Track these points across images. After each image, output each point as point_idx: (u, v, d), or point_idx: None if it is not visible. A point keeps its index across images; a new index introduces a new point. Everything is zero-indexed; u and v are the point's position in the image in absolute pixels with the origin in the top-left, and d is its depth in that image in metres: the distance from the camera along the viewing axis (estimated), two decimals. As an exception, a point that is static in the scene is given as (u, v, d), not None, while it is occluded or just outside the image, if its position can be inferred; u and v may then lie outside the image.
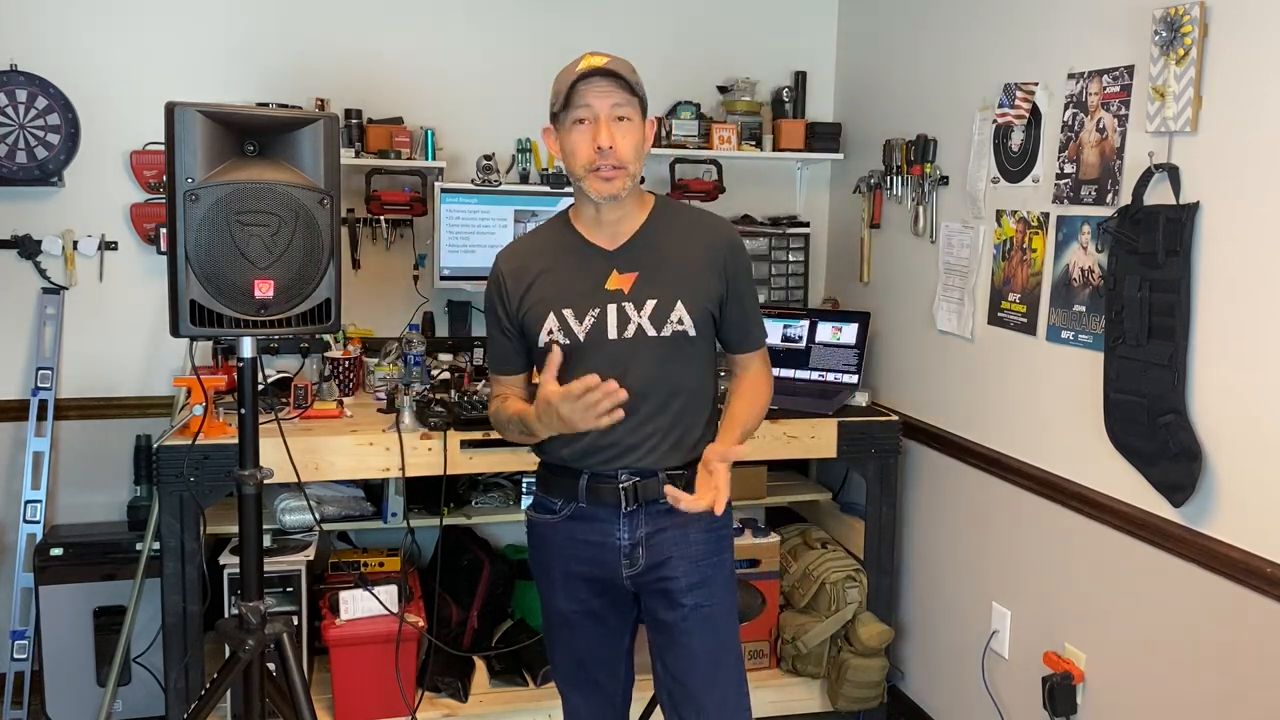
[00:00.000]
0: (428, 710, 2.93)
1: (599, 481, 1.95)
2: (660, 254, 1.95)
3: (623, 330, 1.92)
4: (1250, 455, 2.04)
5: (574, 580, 2.01)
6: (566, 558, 2.00)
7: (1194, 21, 2.10)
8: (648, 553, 1.96)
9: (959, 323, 2.96)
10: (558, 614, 2.06)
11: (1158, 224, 2.18)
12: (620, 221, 1.96)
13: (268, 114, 2.13)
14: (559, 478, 2.00)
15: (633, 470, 1.94)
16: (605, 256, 1.95)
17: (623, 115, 1.86)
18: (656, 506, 1.95)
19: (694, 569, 1.98)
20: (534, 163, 3.47)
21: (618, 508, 1.95)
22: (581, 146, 1.86)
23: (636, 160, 1.89)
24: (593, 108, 1.85)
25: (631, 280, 1.93)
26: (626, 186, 1.89)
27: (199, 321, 2.02)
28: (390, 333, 3.39)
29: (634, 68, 1.90)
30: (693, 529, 1.98)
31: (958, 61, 2.98)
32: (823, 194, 3.82)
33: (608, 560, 1.97)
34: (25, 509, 3.14)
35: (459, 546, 3.37)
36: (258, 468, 2.15)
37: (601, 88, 1.84)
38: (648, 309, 1.92)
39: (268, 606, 2.18)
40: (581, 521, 1.98)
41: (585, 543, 1.98)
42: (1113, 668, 2.42)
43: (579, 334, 1.92)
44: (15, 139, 3.06)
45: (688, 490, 1.86)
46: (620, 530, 1.96)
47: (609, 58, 1.87)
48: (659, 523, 1.97)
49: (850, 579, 3.14)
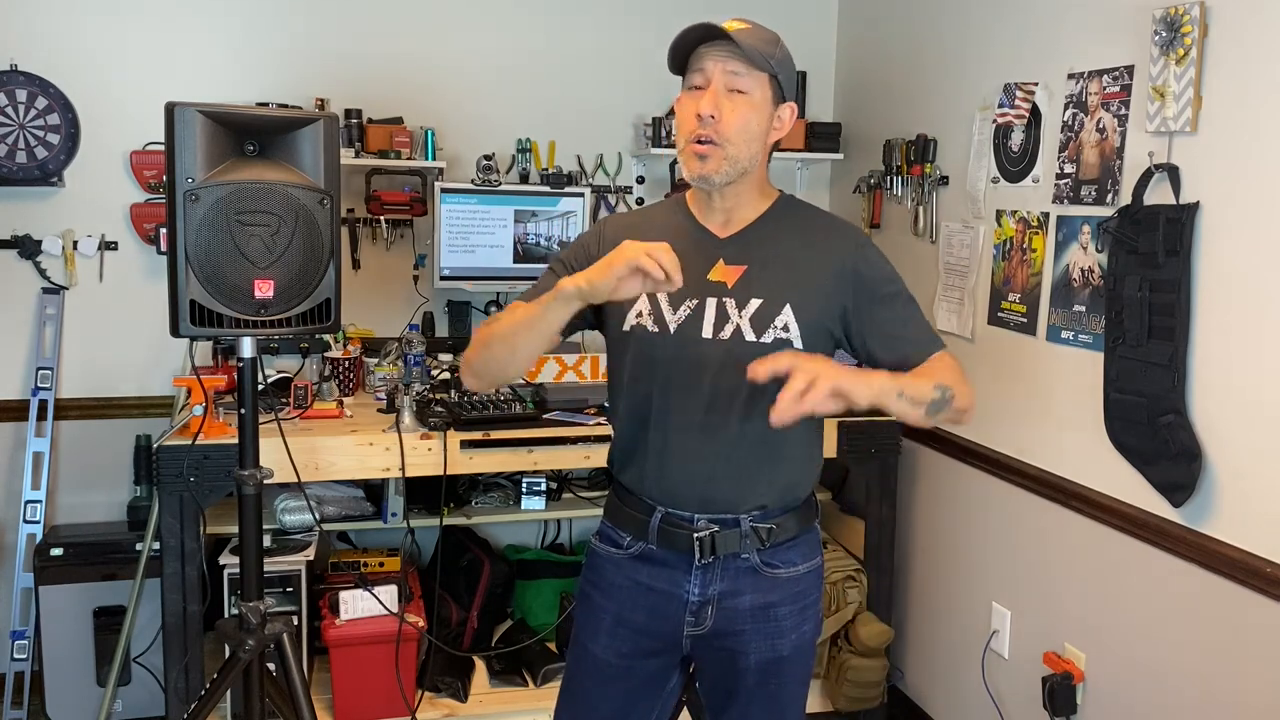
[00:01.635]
0: (428, 710, 2.93)
1: (672, 524, 1.69)
2: (774, 251, 1.69)
3: (719, 330, 1.65)
4: (1250, 455, 2.04)
5: (625, 629, 1.75)
6: (623, 600, 1.74)
7: (1194, 21, 2.10)
8: (718, 615, 1.71)
9: (959, 323, 2.96)
10: (592, 660, 1.78)
11: (1158, 224, 2.18)
12: (735, 209, 1.71)
13: (268, 114, 2.13)
14: (628, 509, 1.75)
15: (713, 516, 1.68)
16: (714, 243, 1.71)
17: (739, 88, 1.61)
18: (736, 562, 1.69)
19: (770, 646, 1.72)
20: (534, 163, 3.47)
21: (691, 557, 1.69)
22: (685, 113, 1.64)
23: (744, 142, 1.62)
24: (705, 72, 1.61)
25: (739, 274, 1.67)
26: (724, 171, 1.63)
27: (199, 321, 2.02)
28: (390, 333, 3.39)
29: (777, 40, 1.66)
30: (776, 597, 1.71)
31: (958, 61, 2.98)
32: (823, 194, 3.82)
33: (671, 613, 1.71)
34: (25, 509, 3.14)
35: (459, 546, 3.37)
36: (258, 468, 2.15)
37: (721, 51, 1.60)
38: (750, 309, 1.65)
39: (268, 606, 2.18)
40: (648, 564, 1.72)
41: (649, 589, 1.72)
42: (1113, 668, 2.42)
43: (670, 324, 1.67)
44: (15, 139, 3.06)
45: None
46: (691, 583, 1.70)
47: (744, 25, 1.63)
48: (737, 583, 1.70)
49: (850, 579, 3.14)
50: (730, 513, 1.69)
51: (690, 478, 1.68)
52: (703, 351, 1.65)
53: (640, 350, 1.69)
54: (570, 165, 3.52)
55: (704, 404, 1.66)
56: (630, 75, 3.52)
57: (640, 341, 1.68)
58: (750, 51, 1.60)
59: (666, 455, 1.68)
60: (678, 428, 1.67)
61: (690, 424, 1.67)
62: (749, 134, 1.63)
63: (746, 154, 1.64)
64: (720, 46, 1.61)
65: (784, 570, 1.73)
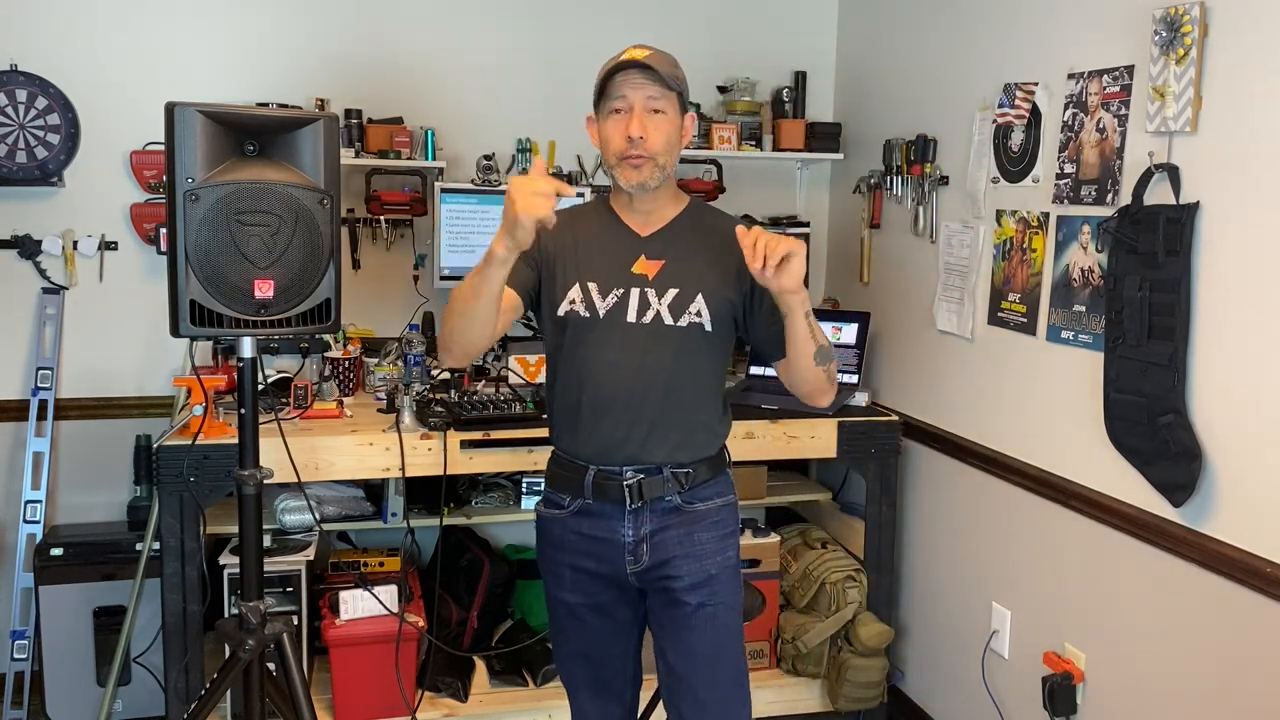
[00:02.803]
0: (428, 710, 2.93)
1: (604, 478, 1.98)
2: (688, 247, 1.99)
3: (641, 315, 1.94)
4: (1250, 455, 2.04)
5: (581, 575, 2.03)
6: (573, 552, 2.03)
7: (1194, 21, 2.10)
8: (652, 550, 1.99)
9: (959, 323, 2.96)
10: (565, 608, 2.07)
11: (1158, 224, 2.18)
12: (653, 211, 2.00)
13: (268, 114, 2.13)
14: (566, 473, 2.03)
15: (638, 467, 1.97)
16: (636, 240, 1.99)
17: (658, 108, 1.89)
18: (661, 504, 1.99)
19: (698, 568, 2.00)
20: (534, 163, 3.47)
21: (622, 504, 1.98)
22: (614, 135, 1.91)
23: (668, 153, 1.92)
24: (628, 99, 1.89)
25: (658, 267, 1.97)
26: (655, 177, 1.92)
27: (199, 321, 2.02)
28: (390, 333, 3.39)
29: (676, 62, 1.93)
30: (698, 528, 2.01)
31: (958, 61, 2.98)
32: (823, 194, 3.82)
33: (612, 556, 2.00)
34: (25, 509, 3.14)
35: (459, 546, 3.37)
36: (258, 468, 2.15)
37: (637, 80, 1.88)
38: (668, 297, 1.95)
39: (268, 606, 2.18)
40: (587, 517, 2.01)
41: (591, 538, 2.01)
42: (1113, 668, 2.42)
43: (600, 310, 1.95)
44: (15, 139, 3.06)
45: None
46: (625, 527, 1.99)
47: (650, 51, 1.91)
48: (664, 520, 1.99)
49: (850, 579, 3.14)
50: (653, 464, 1.97)
51: (618, 439, 1.95)
52: (628, 333, 1.94)
53: (573, 333, 1.96)
54: (570, 165, 3.52)
55: (628, 377, 1.94)
56: (630, 75, 3.51)
57: (573, 325, 1.96)
58: (666, 77, 1.88)
59: (597, 421, 1.95)
60: (606, 399, 1.94)
61: (617, 395, 1.94)
62: (670, 145, 1.93)
63: (671, 162, 1.95)
64: (636, 74, 1.89)
65: (702, 505, 2.02)
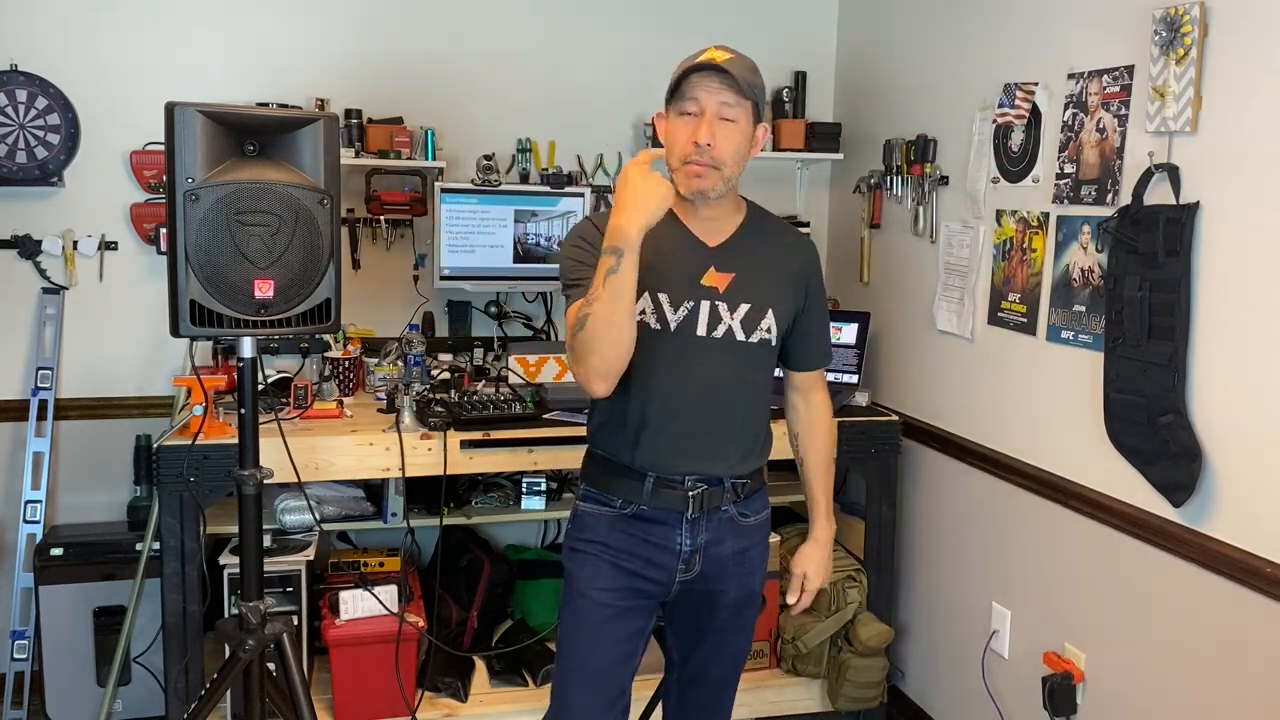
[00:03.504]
0: (428, 710, 2.93)
1: (665, 486, 1.92)
2: (755, 260, 1.94)
3: (712, 329, 1.89)
4: (1250, 455, 2.04)
5: (621, 574, 1.95)
6: (619, 549, 1.94)
7: (1194, 21, 2.10)
8: (705, 561, 1.95)
9: (959, 323, 2.96)
10: (595, 600, 1.94)
11: (1158, 224, 2.19)
12: (719, 220, 1.94)
13: (268, 114, 2.13)
14: (619, 478, 1.95)
15: (700, 477, 1.92)
16: (705, 251, 1.92)
17: (729, 116, 1.82)
18: (719, 514, 1.95)
19: (744, 585, 2.00)
20: (534, 163, 3.47)
21: (682, 513, 1.92)
22: (681, 138, 1.83)
23: (734, 163, 1.85)
24: (700, 102, 1.81)
25: (728, 280, 1.91)
26: (717, 188, 1.85)
27: (199, 321, 2.02)
28: (390, 333, 3.39)
29: (755, 68, 1.87)
30: (751, 544, 2.01)
31: (958, 61, 2.98)
32: (823, 194, 3.82)
33: (664, 563, 1.94)
34: (25, 509, 3.14)
35: (459, 546, 3.37)
36: (258, 468, 2.16)
37: (713, 84, 1.81)
38: (740, 312, 1.90)
39: (268, 606, 2.18)
40: (641, 521, 1.94)
41: (644, 541, 1.94)
42: (1113, 668, 2.42)
43: (671, 321, 1.89)
44: (15, 139, 3.06)
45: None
46: (682, 536, 1.93)
47: (731, 55, 1.83)
48: (719, 532, 1.96)
49: (850, 579, 3.14)
50: (716, 475, 1.94)
51: (683, 450, 1.91)
52: (699, 347, 1.89)
53: (643, 344, 1.84)
54: (570, 165, 3.52)
55: (699, 391, 1.90)
56: (630, 75, 3.52)
57: (644, 336, 1.85)
58: (741, 83, 1.81)
59: (662, 432, 1.90)
60: (674, 411, 1.89)
61: (686, 409, 1.90)
62: (739, 156, 1.86)
63: (736, 173, 1.87)
64: (713, 77, 1.81)
65: (753, 518, 2.01)
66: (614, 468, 1.96)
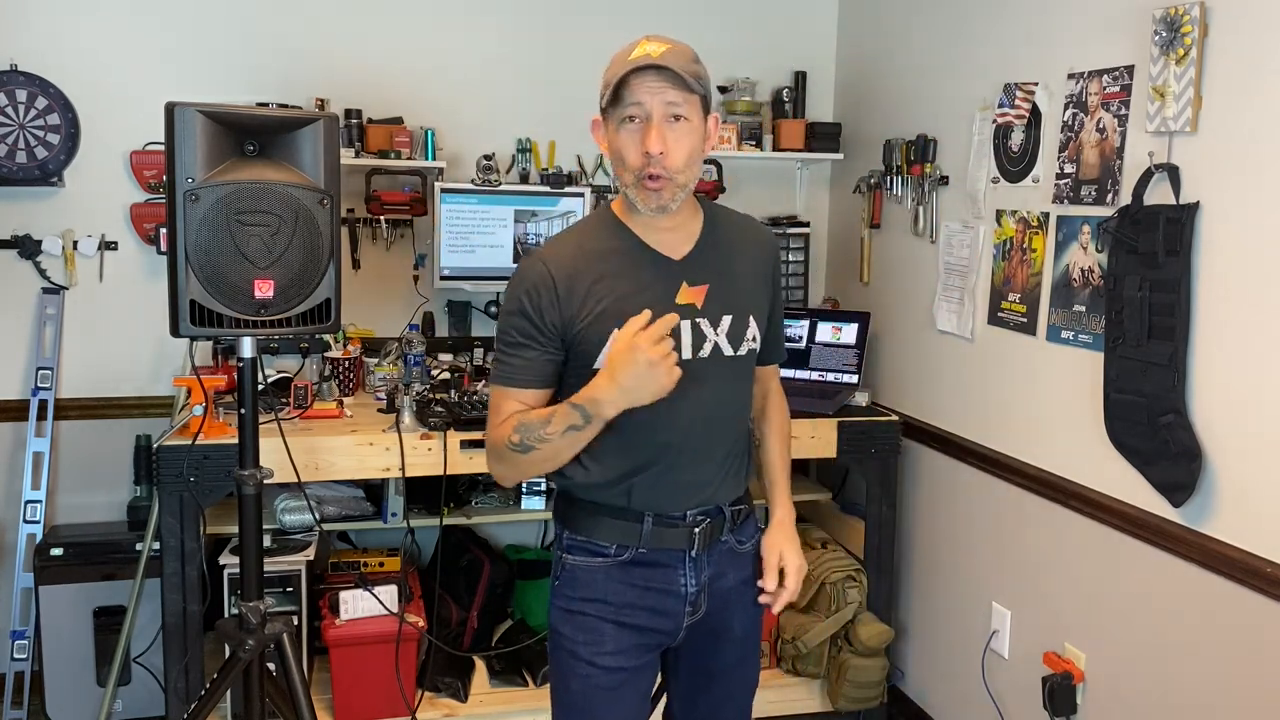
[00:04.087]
0: (428, 710, 2.93)
1: (664, 524, 1.73)
2: (723, 263, 1.76)
3: (698, 349, 1.71)
4: (1250, 455, 2.04)
5: (626, 633, 1.75)
6: (621, 606, 1.74)
7: (1194, 21, 2.10)
8: (710, 599, 1.80)
9: (959, 323, 2.96)
10: (604, 668, 1.74)
11: (1158, 224, 2.18)
12: (679, 228, 1.73)
13: (268, 114, 2.13)
14: (612, 519, 1.74)
15: (702, 510, 1.76)
16: (672, 267, 1.72)
17: (678, 115, 1.62)
18: (720, 547, 1.80)
19: (747, 617, 1.87)
20: (534, 163, 3.47)
21: (684, 552, 1.75)
22: (630, 151, 1.63)
23: (690, 168, 1.66)
24: (644, 106, 1.61)
25: (703, 293, 1.72)
26: (678, 197, 1.66)
27: (199, 321, 2.02)
28: (390, 333, 3.39)
29: (695, 55, 1.66)
30: (748, 573, 1.86)
31: (958, 61, 2.98)
32: (823, 194, 3.82)
33: (671, 609, 1.76)
34: (25, 509, 3.14)
35: (459, 546, 3.37)
36: (258, 468, 2.16)
37: (655, 84, 1.60)
38: (724, 325, 1.73)
39: (268, 606, 2.18)
40: (640, 567, 1.74)
41: (646, 589, 1.74)
42: (1113, 668, 2.42)
43: None
44: (15, 139, 3.06)
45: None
46: (686, 576, 1.76)
47: (667, 46, 1.63)
48: (720, 566, 1.80)
49: (850, 579, 3.14)
50: (716, 505, 1.79)
51: (683, 484, 1.74)
52: (687, 372, 1.65)
53: None
54: (570, 165, 3.52)
55: (693, 420, 1.72)
56: (630, 75, 3.51)
57: None
58: (686, 77, 1.61)
59: (664, 471, 1.72)
60: (670, 446, 1.72)
61: (683, 441, 1.72)
62: (694, 159, 1.67)
63: (694, 177, 1.69)
64: (652, 76, 1.61)
65: (748, 544, 1.87)
66: (604, 510, 1.75)
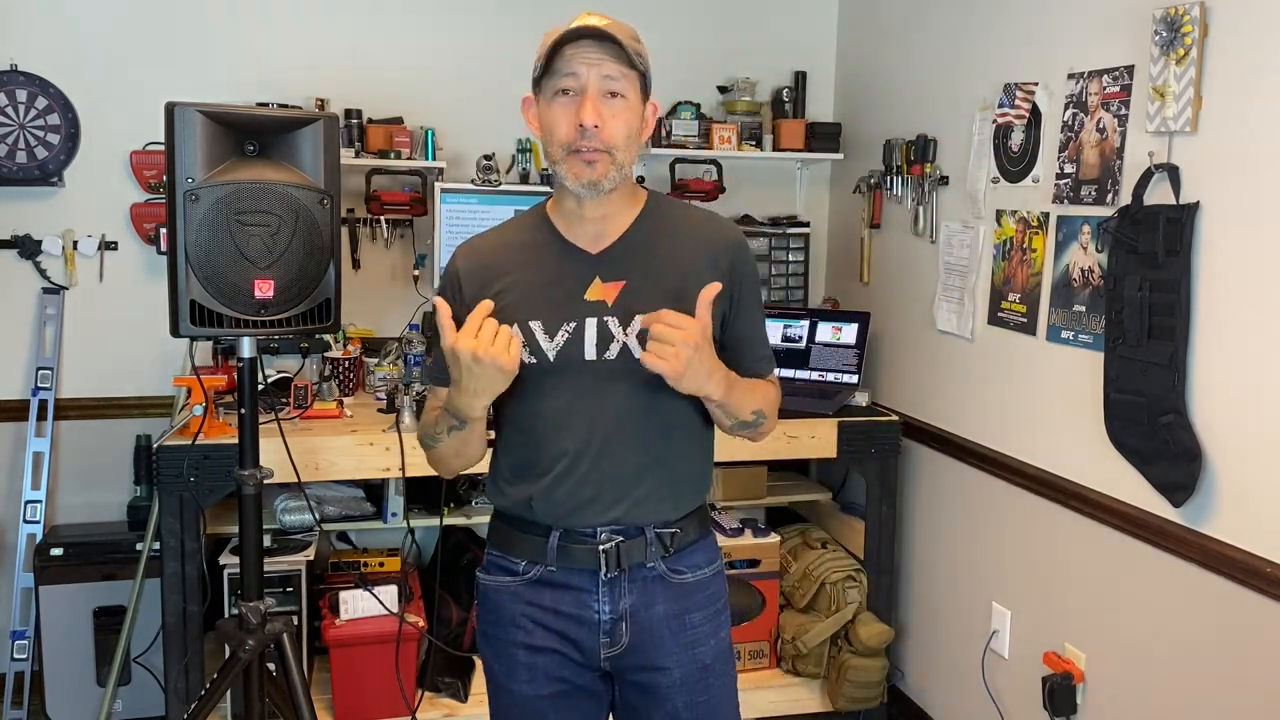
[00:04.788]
0: (428, 710, 2.93)
1: (572, 540, 1.60)
2: (652, 260, 1.61)
3: (603, 350, 1.57)
4: (1250, 455, 2.04)
5: (539, 658, 1.63)
6: (531, 631, 1.62)
7: (1194, 21, 2.10)
8: (634, 630, 1.62)
9: (959, 323, 2.96)
10: (525, 701, 1.63)
11: (1158, 224, 2.19)
12: (606, 219, 1.62)
13: (268, 114, 2.14)
14: (521, 533, 1.63)
15: (616, 528, 1.60)
16: (586, 260, 1.61)
17: (616, 91, 1.53)
18: (643, 572, 1.62)
19: (690, 658, 1.64)
20: (534, 163, 3.47)
21: (596, 573, 1.60)
22: (561, 122, 1.53)
23: (627, 147, 1.55)
24: (579, 77, 1.51)
25: (617, 290, 1.58)
26: (611, 176, 1.54)
27: (199, 321, 2.02)
28: (390, 333, 3.39)
29: (637, 35, 1.57)
30: (689, 606, 1.65)
31: (958, 61, 2.98)
32: (823, 194, 3.82)
33: (582, 637, 1.61)
34: (25, 509, 3.14)
35: (459, 546, 3.37)
36: (258, 468, 2.15)
37: (592, 54, 1.51)
38: (636, 325, 1.56)
39: (268, 606, 2.18)
40: (549, 588, 1.62)
41: (554, 612, 1.62)
42: (1113, 668, 2.42)
43: (548, 352, 1.57)
44: (15, 139, 3.06)
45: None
46: (600, 602, 1.61)
47: (608, 20, 1.54)
48: (647, 594, 1.62)
49: (850, 579, 3.14)
50: (633, 524, 1.61)
51: (587, 498, 1.59)
52: (591, 373, 1.57)
53: (525, 381, 1.57)
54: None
55: (595, 425, 1.58)
56: (630, 75, 3.51)
57: (523, 374, 1.54)
58: (629, 51, 1.53)
59: (564, 479, 1.59)
60: (570, 452, 1.58)
61: (584, 446, 1.58)
62: (631, 138, 1.56)
63: (630, 158, 1.57)
64: (591, 46, 1.51)
65: (690, 575, 1.66)
66: (516, 523, 1.64)
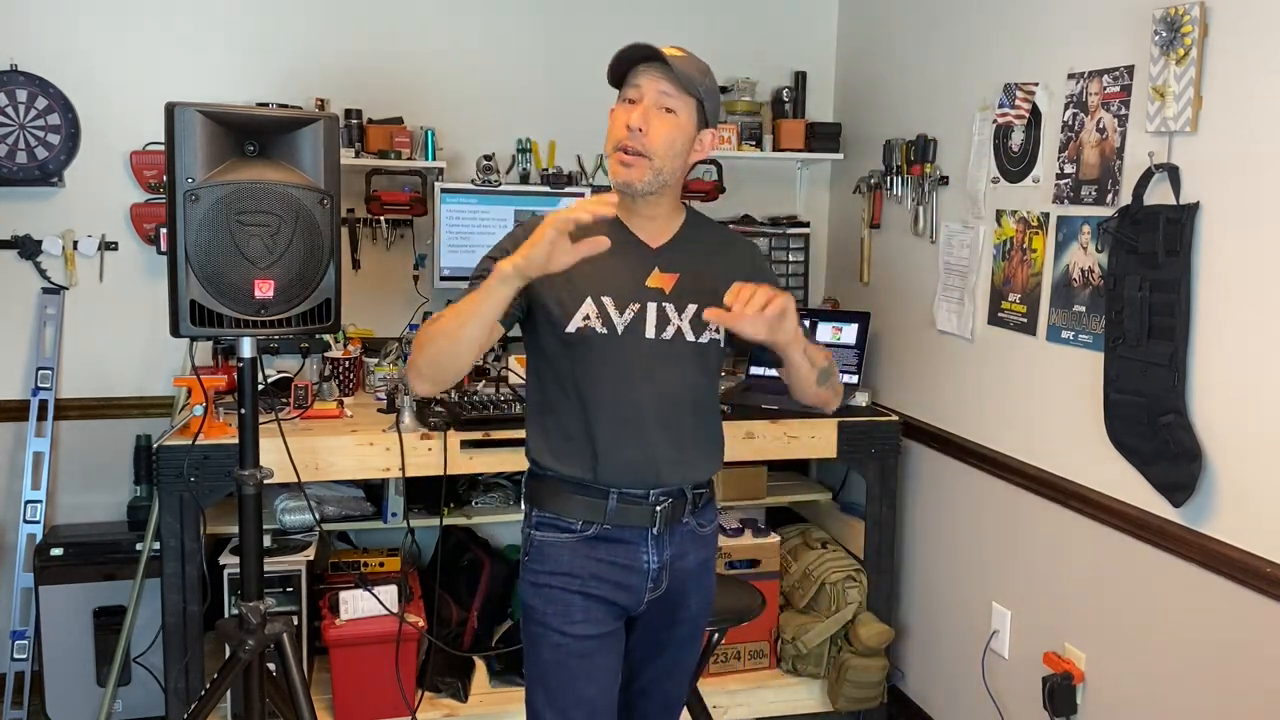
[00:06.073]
0: (428, 710, 2.93)
1: (628, 502, 1.84)
2: (697, 260, 1.89)
3: (661, 330, 1.84)
4: (1250, 455, 2.04)
5: (594, 603, 1.87)
6: (587, 579, 1.86)
7: (1194, 21, 2.10)
8: (671, 577, 1.90)
9: (959, 323, 2.96)
10: (571, 644, 1.87)
11: (1158, 224, 2.19)
12: (659, 220, 1.88)
13: (268, 114, 2.14)
14: (579, 496, 1.86)
15: (665, 489, 1.86)
16: (647, 252, 1.87)
17: (670, 107, 1.78)
18: (681, 528, 1.90)
19: (704, 597, 1.98)
20: (534, 163, 3.47)
21: (646, 530, 1.86)
22: (616, 123, 1.81)
23: (667, 156, 1.79)
24: (640, 89, 1.79)
25: (673, 281, 1.86)
26: (645, 179, 1.79)
27: (199, 321, 2.02)
28: (390, 333, 3.39)
29: (707, 70, 1.83)
30: (708, 555, 1.98)
31: (958, 61, 2.98)
32: (823, 194, 3.82)
33: (633, 584, 1.87)
34: (25, 509, 3.14)
35: (459, 546, 3.37)
36: (258, 468, 2.16)
37: (655, 72, 1.78)
38: (689, 313, 1.85)
39: (268, 606, 2.18)
40: (605, 543, 1.86)
41: (610, 564, 1.86)
42: (1113, 668, 2.42)
43: (618, 325, 1.82)
44: (15, 139, 3.06)
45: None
46: (650, 553, 1.87)
47: (682, 53, 1.81)
48: (683, 546, 1.91)
49: (850, 579, 3.14)
50: (677, 485, 1.88)
51: (645, 460, 1.83)
52: (650, 350, 1.83)
53: (588, 350, 1.82)
54: (570, 165, 3.51)
55: (655, 396, 1.83)
56: (630, 75, 3.52)
57: (590, 342, 1.81)
58: (682, 76, 1.77)
59: (623, 444, 1.82)
60: (632, 419, 1.82)
61: (645, 415, 1.83)
62: (673, 150, 1.80)
63: (669, 168, 1.81)
64: (656, 68, 1.78)
65: (708, 527, 1.97)
66: (571, 486, 1.86)
